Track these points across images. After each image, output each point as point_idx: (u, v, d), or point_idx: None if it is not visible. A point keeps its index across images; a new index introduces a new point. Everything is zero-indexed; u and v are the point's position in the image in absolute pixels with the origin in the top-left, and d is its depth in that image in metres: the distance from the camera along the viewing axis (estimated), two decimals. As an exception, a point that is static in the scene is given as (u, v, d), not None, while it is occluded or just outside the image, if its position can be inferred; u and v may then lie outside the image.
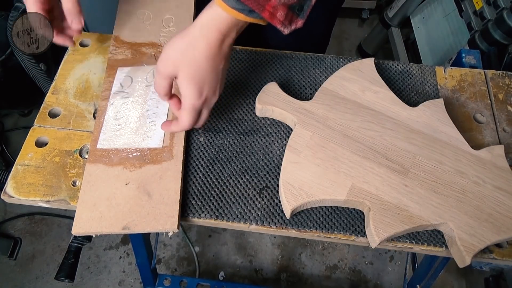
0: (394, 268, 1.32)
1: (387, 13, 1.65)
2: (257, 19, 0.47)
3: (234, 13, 0.46)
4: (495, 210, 0.53)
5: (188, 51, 0.49)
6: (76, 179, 0.57)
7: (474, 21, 1.31)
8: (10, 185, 0.56)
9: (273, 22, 0.47)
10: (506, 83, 0.69)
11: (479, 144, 0.62)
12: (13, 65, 1.30)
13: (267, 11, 0.45)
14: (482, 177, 0.56)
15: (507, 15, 1.15)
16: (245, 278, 1.29)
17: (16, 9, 1.22)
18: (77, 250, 0.95)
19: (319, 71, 0.69)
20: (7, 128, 1.55)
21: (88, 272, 1.29)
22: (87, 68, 0.69)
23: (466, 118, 0.65)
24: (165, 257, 1.33)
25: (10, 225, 1.37)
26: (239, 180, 0.58)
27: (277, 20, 0.46)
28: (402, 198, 0.54)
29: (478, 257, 0.53)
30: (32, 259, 1.31)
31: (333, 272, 1.31)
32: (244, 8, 0.46)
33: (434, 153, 0.58)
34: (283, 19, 0.46)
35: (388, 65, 0.70)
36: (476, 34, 1.27)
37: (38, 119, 0.63)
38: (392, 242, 0.54)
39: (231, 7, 0.46)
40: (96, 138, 0.59)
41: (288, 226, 0.55)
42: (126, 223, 0.52)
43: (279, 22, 0.46)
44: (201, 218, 0.55)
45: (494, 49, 1.21)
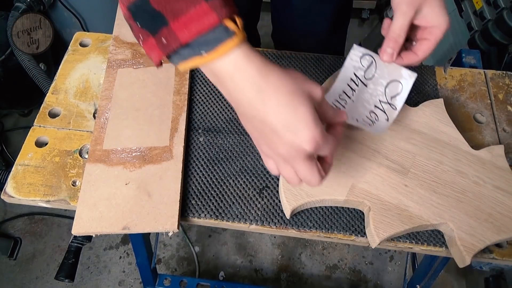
0: (394, 268, 1.32)
1: (387, 13, 1.65)
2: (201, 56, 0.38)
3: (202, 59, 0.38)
4: (495, 210, 0.53)
5: (258, 121, 0.39)
6: (76, 179, 0.57)
7: (474, 21, 1.31)
8: (10, 185, 0.56)
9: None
10: (506, 83, 0.69)
11: (479, 144, 0.62)
12: (13, 65, 1.30)
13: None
14: (482, 177, 0.56)
15: (507, 15, 1.15)
16: (245, 278, 1.29)
17: (16, 9, 1.22)
18: (77, 250, 0.95)
19: (319, 71, 0.69)
20: (7, 128, 1.54)
21: (88, 272, 1.29)
22: (87, 68, 0.69)
23: (466, 118, 0.65)
24: (165, 257, 1.33)
25: (10, 225, 1.37)
26: (239, 180, 0.58)
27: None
28: (402, 198, 0.54)
29: (478, 257, 0.53)
30: (32, 259, 1.31)
31: (333, 272, 1.31)
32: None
33: (434, 153, 0.58)
34: None
35: (388, 65, 0.70)
36: (476, 34, 1.27)
37: (38, 119, 0.63)
38: (392, 242, 0.54)
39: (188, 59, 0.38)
40: (96, 138, 0.59)
41: (288, 226, 0.55)
42: (126, 223, 0.52)
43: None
44: (201, 218, 0.55)
45: (494, 49, 1.21)
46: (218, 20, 0.35)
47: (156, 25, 0.36)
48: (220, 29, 0.36)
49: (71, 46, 0.72)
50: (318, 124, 0.38)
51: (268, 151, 0.42)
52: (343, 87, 0.55)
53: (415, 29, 0.54)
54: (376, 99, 0.55)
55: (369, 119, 0.54)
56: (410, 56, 0.54)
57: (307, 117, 0.37)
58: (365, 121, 0.54)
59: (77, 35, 0.73)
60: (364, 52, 0.56)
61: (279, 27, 0.98)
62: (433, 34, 0.52)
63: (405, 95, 0.55)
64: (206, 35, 0.36)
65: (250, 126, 0.41)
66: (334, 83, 0.56)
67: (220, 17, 0.35)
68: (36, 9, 1.26)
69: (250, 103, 0.38)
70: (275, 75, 0.38)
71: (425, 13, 0.51)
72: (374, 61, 0.56)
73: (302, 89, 0.38)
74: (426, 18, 0.52)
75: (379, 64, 0.56)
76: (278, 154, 0.40)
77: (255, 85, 0.37)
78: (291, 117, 0.37)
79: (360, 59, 0.56)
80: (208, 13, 0.35)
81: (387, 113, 0.55)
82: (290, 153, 0.39)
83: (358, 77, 0.55)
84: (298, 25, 0.91)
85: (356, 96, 0.55)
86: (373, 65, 0.56)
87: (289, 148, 0.38)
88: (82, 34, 0.73)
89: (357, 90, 0.55)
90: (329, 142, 0.40)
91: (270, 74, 0.38)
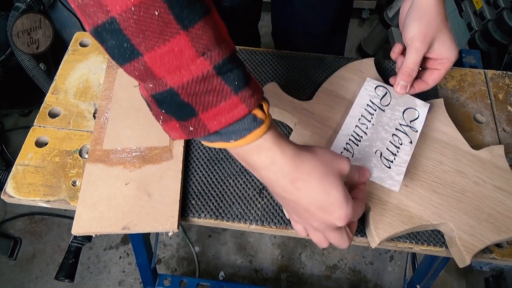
0: (394, 268, 1.32)
1: (387, 13, 1.65)
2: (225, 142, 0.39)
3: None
4: (495, 210, 0.53)
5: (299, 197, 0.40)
6: (76, 179, 0.57)
7: (474, 21, 1.31)
8: (10, 185, 0.56)
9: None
10: (506, 83, 0.69)
11: (479, 144, 0.62)
12: (13, 65, 1.30)
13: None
14: (482, 177, 0.56)
15: (507, 15, 1.15)
16: (245, 278, 1.29)
17: (16, 9, 1.22)
18: (77, 250, 0.95)
19: (319, 71, 0.69)
20: (7, 128, 1.54)
21: (88, 272, 1.29)
22: (87, 68, 0.69)
23: (466, 118, 0.65)
24: (165, 257, 1.33)
25: (10, 225, 1.37)
26: (239, 180, 0.58)
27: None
28: (402, 198, 0.54)
29: (478, 257, 0.53)
30: (32, 259, 1.31)
31: (333, 272, 1.31)
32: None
33: (434, 153, 0.58)
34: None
35: (388, 65, 0.70)
36: (476, 34, 1.27)
37: (38, 119, 0.63)
38: (392, 242, 0.54)
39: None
40: (96, 138, 0.59)
41: (288, 226, 0.55)
42: (126, 223, 0.52)
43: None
44: (201, 218, 0.55)
45: (494, 49, 1.21)
46: (248, 111, 0.36)
47: (184, 115, 0.37)
48: (249, 118, 0.37)
49: (71, 46, 0.72)
50: (349, 201, 0.40)
51: (299, 220, 0.44)
52: (361, 111, 0.58)
53: (425, 59, 0.57)
54: (395, 122, 0.58)
55: (392, 144, 0.56)
56: (421, 85, 0.58)
57: (339, 198, 0.40)
58: (389, 149, 0.56)
59: (77, 35, 0.73)
60: (378, 84, 0.60)
61: (280, 27, 0.98)
62: (443, 64, 0.56)
63: (422, 119, 0.58)
64: (235, 125, 0.37)
65: (282, 202, 0.43)
66: (352, 107, 0.59)
67: (249, 108, 0.36)
68: (36, 9, 1.26)
69: (283, 189, 0.40)
70: (306, 163, 0.39)
71: (436, 47, 0.55)
72: (388, 92, 0.60)
73: (332, 170, 0.40)
74: (437, 51, 0.55)
75: (394, 94, 0.60)
76: (309, 225, 0.43)
77: (289, 176, 0.39)
78: (324, 200, 0.39)
79: (375, 89, 0.60)
80: (238, 105, 0.36)
81: (409, 135, 0.57)
82: (322, 227, 0.41)
83: (375, 103, 0.59)
84: (299, 25, 0.90)
85: (375, 119, 0.58)
86: (387, 94, 0.60)
87: (321, 223, 0.41)
88: (82, 34, 0.73)
89: (375, 114, 0.58)
90: (358, 211, 0.43)
91: (302, 163, 0.39)
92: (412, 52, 0.55)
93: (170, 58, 0.33)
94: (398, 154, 0.55)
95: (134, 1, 0.31)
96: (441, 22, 0.54)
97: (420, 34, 0.54)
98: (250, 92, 0.36)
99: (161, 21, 0.32)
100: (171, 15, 0.32)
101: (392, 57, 0.61)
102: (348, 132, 0.57)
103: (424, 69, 0.58)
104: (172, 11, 0.32)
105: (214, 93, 0.35)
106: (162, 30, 0.32)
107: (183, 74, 0.34)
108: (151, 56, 0.33)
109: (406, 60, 0.56)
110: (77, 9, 0.33)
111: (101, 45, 0.35)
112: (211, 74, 0.34)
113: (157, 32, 0.32)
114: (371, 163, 0.54)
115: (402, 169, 0.54)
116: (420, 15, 0.54)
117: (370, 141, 0.56)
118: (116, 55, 0.35)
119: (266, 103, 0.39)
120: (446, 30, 0.55)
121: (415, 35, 0.54)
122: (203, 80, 0.34)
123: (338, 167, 0.41)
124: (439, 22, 0.54)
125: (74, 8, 0.34)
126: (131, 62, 0.34)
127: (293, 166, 0.39)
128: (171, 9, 0.32)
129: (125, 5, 0.31)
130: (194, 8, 0.33)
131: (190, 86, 0.34)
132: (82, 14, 0.34)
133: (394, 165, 0.55)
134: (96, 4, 0.32)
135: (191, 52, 0.33)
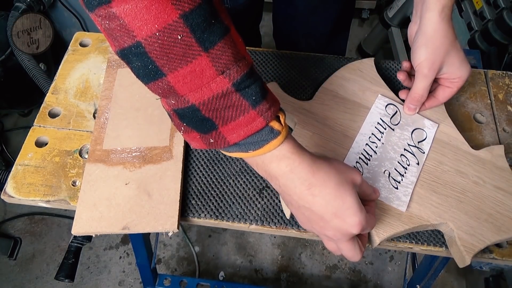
0: (394, 268, 1.32)
1: (387, 13, 1.65)
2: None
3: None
4: (495, 210, 0.53)
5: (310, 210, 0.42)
6: (76, 179, 0.57)
7: (474, 21, 1.31)
8: (10, 185, 0.56)
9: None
10: (506, 83, 0.69)
11: (479, 144, 0.62)
12: (13, 65, 1.30)
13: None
14: (482, 177, 0.56)
15: (507, 15, 1.15)
16: (245, 278, 1.29)
17: (16, 9, 1.22)
18: (77, 250, 0.95)
19: (319, 71, 0.69)
20: (7, 128, 1.54)
21: (88, 272, 1.29)
22: (87, 68, 0.69)
23: (466, 118, 0.65)
24: (165, 257, 1.33)
25: (10, 225, 1.37)
26: (239, 180, 0.58)
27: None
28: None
29: (478, 257, 0.53)
30: (32, 259, 1.31)
31: (333, 272, 1.31)
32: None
33: (434, 153, 0.58)
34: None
35: (388, 65, 0.70)
36: (476, 34, 1.27)
37: (38, 119, 0.63)
38: (392, 242, 0.54)
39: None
40: (96, 138, 0.59)
41: (288, 226, 0.55)
42: (126, 223, 0.52)
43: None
44: (201, 218, 0.55)
45: (494, 49, 1.21)
46: (265, 123, 0.38)
47: (204, 128, 0.39)
48: (266, 130, 0.39)
49: (71, 46, 0.72)
50: (363, 209, 0.42)
51: (311, 229, 0.45)
52: (371, 129, 0.59)
53: (437, 78, 0.57)
54: (404, 142, 0.58)
55: (400, 164, 0.56)
56: (432, 102, 0.59)
57: (353, 205, 0.41)
58: (397, 170, 0.56)
59: (77, 35, 0.73)
60: (388, 102, 0.61)
61: (281, 28, 0.98)
62: (455, 83, 0.57)
63: (430, 141, 0.58)
64: (253, 137, 0.39)
65: (297, 212, 0.44)
66: (363, 125, 0.59)
67: (267, 121, 0.38)
68: (36, 9, 1.26)
69: (300, 196, 0.41)
70: (322, 170, 0.41)
71: (445, 70, 0.55)
72: (398, 110, 0.60)
73: (346, 179, 0.42)
74: (448, 73, 0.56)
75: (403, 113, 0.60)
76: (323, 234, 0.44)
77: (306, 182, 0.41)
78: (339, 206, 0.41)
79: (385, 107, 0.60)
80: (255, 118, 0.38)
81: (416, 156, 0.57)
82: (336, 236, 0.42)
83: (385, 122, 0.59)
84: (300, 26, 0.90)
85: (385, 138, 0.58)
86: (398, 114, 0.60)
87: (336, 232, 0.42)
88: (82, 34, 0.73)
89: (385, 133, 0.59)
90: (370, 223, 0.43)
91: (318, 170, 0.41)
92: (421, 78, 0.56)
93: (192, 78, 0.35)
94: (405, 175, 0.55)
95: (159, 27, 0.33)
96: (449, 45, 0.53)
97: (427, 61, 0.54)
98: (267, 105, 0.38)
99: (183, 44, 0.34)
100: (192, 38, 0.34)
101: (398, 78, 0.62)
102: (359, 150, 0.57)
103: (437, 84, 0.59)
104: (194, 34, 0.34)
105: (233, 108, 0.37)
106: (185, 52, 0.34)
107: (204, 92, 0.36)
108: (174, 76, 0.35)
109: (415, 86, 0.57)
110: (104, 32, 0.35)
111: (127, 65, 0.37)
112: (230, 91, 0.36)
113: (180, 54, 0.34)
114: (380, 183, 0.55)
115: (409, 190, 0.54)
116: (427, 40, 0.53)
117: (379, 161, 0.56)
118: (141, 74, 0.37)
119: (283, 114, 0.41)
120: (455, 51, 0.54)
121: (422, 62, 0.54)
122: (223, 96, 0.36)
123: (352, 176, 0.43)
124: (447, 45, 0.53)
125: (101, 30, 0.36)
126: (155, 82, 0.37)
127: (311, 173, 0.41)
128: (193, 33, 0.34)
129: (150, 31, 0.33)
130: (214, 30, 0.35)
131: (211, 103, 0.37)
132: (109, 37, 0.35)
133: (401, 186, 0.54)
134: (123, 29, 0.33)
135: (211, 71, 0.35)
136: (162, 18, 0.32)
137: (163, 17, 0.32)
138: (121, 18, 0.33)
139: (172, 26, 0.33)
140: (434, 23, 0.52)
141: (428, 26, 0.53)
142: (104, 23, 0.34)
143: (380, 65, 0.70)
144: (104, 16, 0.33)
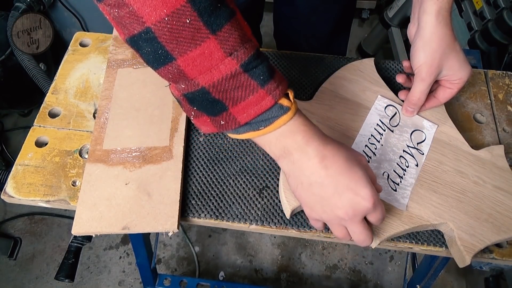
0: (394, 268, 1.32)
1: (387, 13, 1.65)
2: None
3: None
4: (495, 210, 0.53)
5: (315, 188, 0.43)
6: (76, 179, 0.57)
7: (474, 21, 1.31)
8: (10, 185, 0.56)
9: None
10: (506, 83, 0.69)
11: (479, 144, 0.62)
12: (13, 65, 1.30)
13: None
14: (482, 177, 0.56)
15: (507, 15, 1.15)
16: (245, 278, 1.29)
17: (16, 9, 1.22)
18: (77, 250, 0.95)
19: (319, 71, 0.69)
20: (7, 128, 1.54)
21: (88, 272, 1.29)
22: (87, 68, 0.69)
23: (466, 118, 0.65)
24: (165, 257, 1.33)
25: (10, 225, 1.37)
26: (239, 180, 0.58)
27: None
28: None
29: (478, 257, 0.53)
30: (32, 259, 1.31)
31: (333, 272, 1.31)
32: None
33: (434, 153, 0.58)
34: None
35: (388, 65, 0.70)
36: (476, 34, 1.27)
37: (38, 119, 0.63)
38: (392, 242, 0.54)
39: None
40: (96, 138, 0.59)
41: (288, 226, 0.55)
42: (126, 223, 0.52)
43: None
44: (201, 218, 0.55)
45: (494, 49, 1.21)
46: (274, 101, 0.39)
47: (215, 110, 0.40)
48: (276, 107, 0.40)
49: (71, 46, 0.72)
50: (373, 185, 0.43)
51: (320, 215, 0.44)
52: (371, 131, 0.59)
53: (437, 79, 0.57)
54: (403, 143, 0.58)
55: (399, 166, 0.56)
56: (432, 102, 0.59)
57: (365, 178, 0.42)
58: (396, 172, 0.56)
59: (77, 35, 0.73)
60: (388, 103, 0.61)
61: (281, 28, 0.98)
62: (455, 84, 0.57)
63: (429, 142, 0.58)
64: (263, 115, 0.40)
65: (307, 193, 0.44)
66: (362, 126, 0.59)
67: (275, 99, 0.39)
68: (36, 9, 1.26)
69: (313, 171, 0.42)
70: (332, 143, 0.43)
71: (445, 73, 0.55)
72: (398, 112, 0.60)
73: (354, 156, 0.44)
74: (447, 76, 0.56)
75: (402, 115, 0.60)
76: (334, 216, 0.43)
77: (320, 154, 0.42)
78: (351, 178, 0.42)
79: (385, 109, 0.60)
80: (264, 97, 0.39)
81: (415, 157, 0.57)
82: (348, 213, 0.42)
83: (384, 123, 0.59)
84: (301, 27, 0.90)
85: (384, 140, 0.58)
86: (397, 115, 0.60)
87: (348, 208, 0.42)
88: (82, 34, 0.73)
89: (384, 134, 0.59)
90: (381, 204, 0.44)
91: (329, 143, 0.43)
92: (418, 82, 0.56)
93: (201, 61, 0.36)
94: (404, 177, 0.55)
95: (167, 12, 0.34)
96: (446, 47, 0.53)
97: (425, 65, 0.54)
98: (275, 84, 0.39)
99: (192, 27, 0.35)
100: (200, 21, 0.35)
101: (398, 80, 0.62)
102: (359, 151, 0.57)
103: (437, 85, 0.59)
104: (201, 17, 0.35)
105: (242, 88, 0.38)
106: (193, 35, 0.35)
107: (213, 74, 0.37)
108: (184, 59, 0.36)
109: (413, 89, 0.57)
110: (113, 21, 0.36)
111: (136, 52, 0.38)
112: (238, 72, 0.37)
113: (188, 38, 0.35)
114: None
115: (407, 192, 0.54)
116: (424, 44, 0.53)
117: (378, 162, 0.56)
118: (151, 60, 0.38)
119: (292, 91, 0.42)
120: (454, 53, 0.53)
121: (421, 66, 0.54)
122: (232, 77, 0.37)
123: (359, 157, 0.45)
124: (445, 48, 0.53)
125: (109, 20, 0.36)
126: (165, 66, 0.37)
127: (323, 144, 0.42)
128: (201, 16, 0.35)
129: (159, 16, 0.34)
130: (220, 13, 0.36)
131: (220, 84, 0.37)
132: (118, 25, 0.36)
133: (400, 187, 0.54)
134: (132, 16, 0.34)
135: (220, 53, 0.36)
136: (170, 3, 0.33)
137: (171, 2, 0.33)
138: (130, 5, 0.34)
139: (180, 10, 0.34)
140: (431, 27, 0.52)
141: (425, 29, 0.53)
142: (113, 12, 0.35)
143: (380, 65, 0.70)
144: (113, 4, 0.34)
